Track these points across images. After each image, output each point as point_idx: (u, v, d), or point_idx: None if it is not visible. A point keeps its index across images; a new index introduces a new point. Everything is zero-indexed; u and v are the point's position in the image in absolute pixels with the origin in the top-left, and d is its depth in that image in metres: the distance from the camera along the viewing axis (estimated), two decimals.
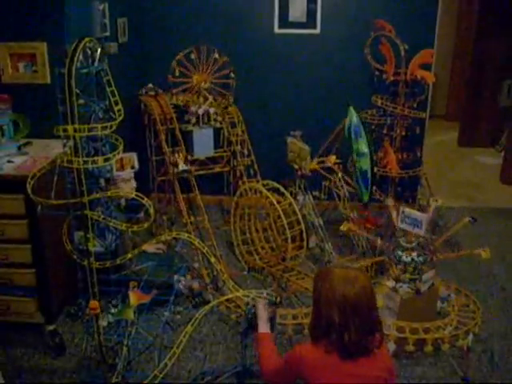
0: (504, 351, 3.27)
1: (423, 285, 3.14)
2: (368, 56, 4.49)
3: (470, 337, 2.97)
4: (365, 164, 3.87)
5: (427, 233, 3.34)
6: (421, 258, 3.18)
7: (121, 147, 2.60)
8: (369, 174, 3.87)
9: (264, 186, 4.06)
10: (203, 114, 4.48)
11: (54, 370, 3.10)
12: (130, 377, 2.96)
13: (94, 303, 2.63)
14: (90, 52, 2.48)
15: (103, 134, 2.52)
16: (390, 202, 3.59)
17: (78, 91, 2.40)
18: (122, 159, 2.96)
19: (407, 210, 3.25)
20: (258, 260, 4.17)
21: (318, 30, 4.81)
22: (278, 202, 3.87)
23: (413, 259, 3.18)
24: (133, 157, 3.06)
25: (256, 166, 4.62)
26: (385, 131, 4.59)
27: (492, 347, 3.30)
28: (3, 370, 2.95)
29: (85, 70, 2.47)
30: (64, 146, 2.50)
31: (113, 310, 2.86)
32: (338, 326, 1.91)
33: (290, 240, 3.77)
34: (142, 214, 2.96)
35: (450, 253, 3.91)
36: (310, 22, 4.78)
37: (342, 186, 4.19)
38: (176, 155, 4.23)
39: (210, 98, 4.55)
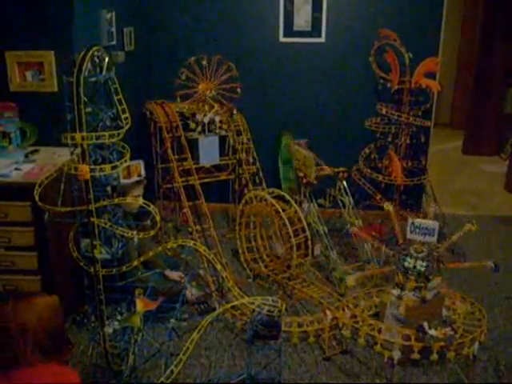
0: (509, 359, 3.26)
1: (429, 293, 3.14)
2: (373, 64, 4.51)
3: (476, 345, 2.97)
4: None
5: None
6: (426, 266, 3.17)
7: (128, 155, 2.62)
8: None
9: (269, 193, 4.07)
10: (209, 122, 4.50)
11: None
12: None
13: (83, 167, 2.49)
14: (97, 61, 2.50)
15: (110, 142, 2.54)
16: (387, 206, 3.59)
17: (85, 99, 2.43)
18: (128, 167, 2.98)
19: (417, 220, 3.25)
20: (263, 268, 4.17)
21: (322, 39, 4.83)
22: (283, 210, 3.88)
23: (418, 267, 3.17)
24: (140, 164, 3.08)
25: (261, 174, 4.64)
26: (389, 139, 4.60)
27: (497, 355, 3.29)
28: None
29: (93, 79, 2.49)
30: (72, 153, 2.52)
31: (119, 317, 2.87)
32: None
33: (295, 248, 3.78)
34: (148, 222, 2.98)
35: (459, 262, 3.90)
36: (315, 30, 4.81)
37: (346, 194, 4.20)
38: None
39: (216, 106, 4.57)
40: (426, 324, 3.00)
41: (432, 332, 2.98)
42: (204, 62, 4.55)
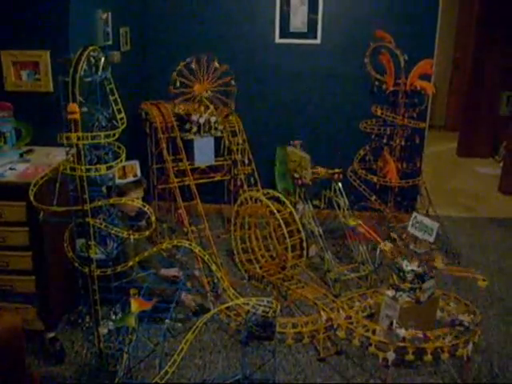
0: (503, 361, 3.27)
1: (423, 294, 3.14)
2: (368, 66, 4.52)
3: (470, 346, 2.98)
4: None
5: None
6: (420, 268, 3.18)
7: (123, 155, 2.62)
8: None
9: (264, 194, 4.07)
10: (204, 123, 4.49)
11: (53, 377, 3.09)
12: None
13: (72, 105, 2.39)
14: (93, 61, 2.50)
15: (106, 142, 2.54)
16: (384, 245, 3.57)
17: (81, 99, 2.42)
18: (124, 167, 2.97)
19: (420, 216, 3.26)
20: (258, 268, 4.17)
21: (318, 40, 4.84)
22: (279, 211, 3.88)
23: (413, 269, 3.18)
24: (135, 165, 3.07)
25: (256, 175, 4.64)
26: (384, 141, 4.61)
27: (491, 357, 3.30)
28: None
29: (89, 79, 2.49)
30: (67, 153, 2.52)
31: (114, 317, 2.86)
32: None
33: (289, 249, 3.78)
34: (143, 222, 2.97)
35: (452, 267, 3.90)
36: (311, 32, 4.82)
37: (341, 195, 4.20)
38: None
39: (211, 107, 4.57)
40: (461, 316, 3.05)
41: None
42: (194, 66, 4.51)
